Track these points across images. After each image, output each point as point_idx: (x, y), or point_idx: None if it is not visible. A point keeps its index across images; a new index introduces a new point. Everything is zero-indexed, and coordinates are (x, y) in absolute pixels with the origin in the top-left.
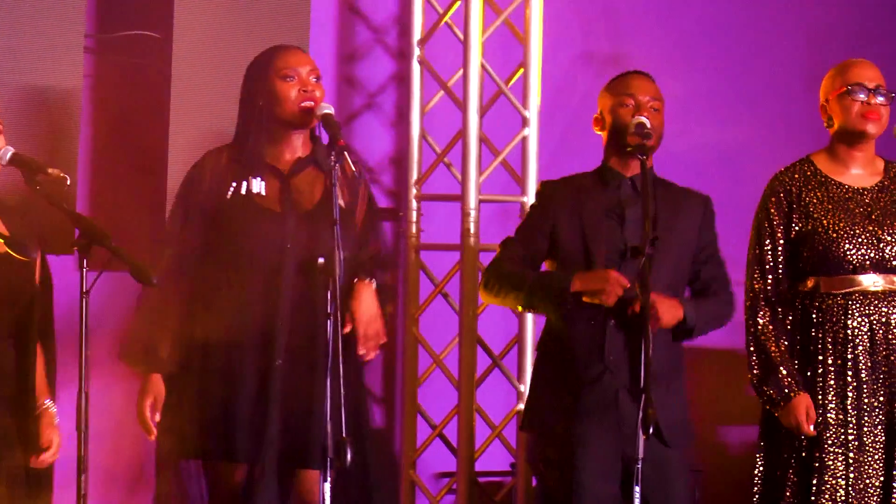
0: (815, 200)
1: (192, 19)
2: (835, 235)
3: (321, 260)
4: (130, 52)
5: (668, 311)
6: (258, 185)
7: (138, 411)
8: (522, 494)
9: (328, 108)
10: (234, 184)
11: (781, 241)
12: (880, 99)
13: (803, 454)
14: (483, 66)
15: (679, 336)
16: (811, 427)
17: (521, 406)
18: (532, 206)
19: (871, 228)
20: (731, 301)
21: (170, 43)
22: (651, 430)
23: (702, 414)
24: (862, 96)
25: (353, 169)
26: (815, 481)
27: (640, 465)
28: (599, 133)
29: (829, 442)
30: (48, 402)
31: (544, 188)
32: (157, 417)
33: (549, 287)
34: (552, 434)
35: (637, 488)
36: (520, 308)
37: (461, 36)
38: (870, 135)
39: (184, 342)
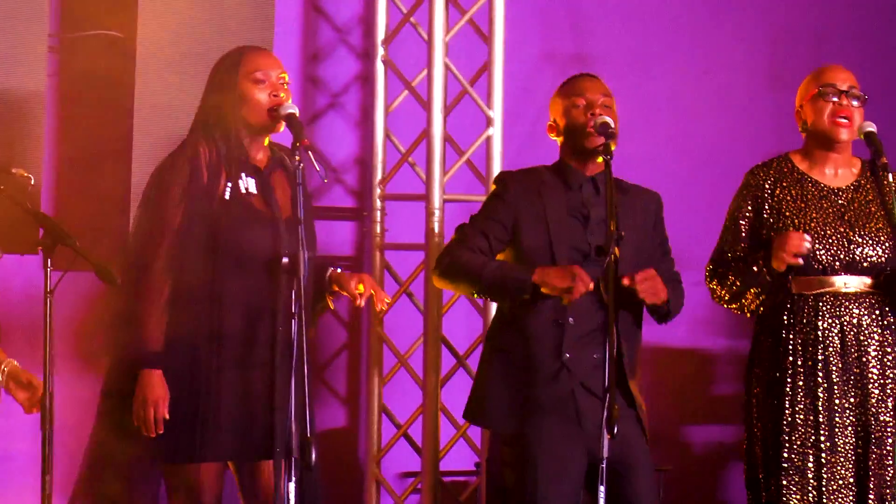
0: (788, 198)
1: (156, 19)
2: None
3: (285, 260)
4: (94, 51)
5: (655, 284)
6: (250, 184)
7: (143, 409)
8: (487, 494)
9: (292, 108)
10: (230, 183)
11: (743, 234)
12: (854, 101)
13: (774, 455)
14: (447, 66)
15: (658, 317)
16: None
17: None
18: (492, 194)
19: (842, 230)
20: (683, 293)
21: (133, 43)
22: (616, 430)
23: (665, 414)
24: (834, 98)
25: (318, 168)
26: (784, 482)
27: (604, 465)
28: (555, 139)
29: (799, 443)
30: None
31: (504, 178)
32: (167, 415)
33: (509, 277)
34: (508, 433)
35: (602, 488)
36: (474, 294)
37: (425, 36)
38: (842, 139)
39: (173, 337)
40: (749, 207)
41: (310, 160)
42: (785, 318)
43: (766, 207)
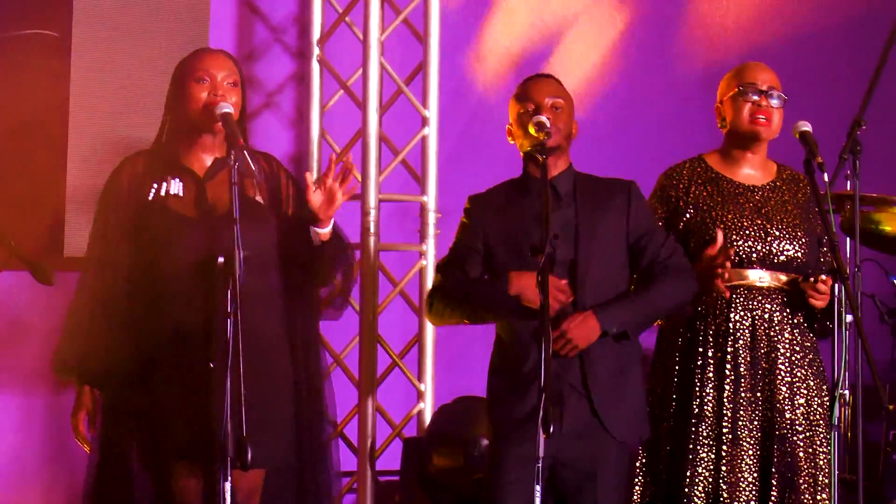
0: (704, 194)
1: (91, 18)
2: (722, 227)
3: (221, 259)
4: (28, 51)
5: (580, 332)
6: (176, 186)
7: (73, 424)
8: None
9: (227, 108)
10: (155, 185)
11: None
12: (773, 102)
13: (680, 447)
14: (383, 66)
15: (619, 339)
16: None
17: (422, 405)
18: (461, 223)
19: (759, 222)
20: (675, 279)
21: (69, 42)
22: (552, 429)
23: None
24: (754, 97)
25: (252, 167)
26: (688, 473)
27: (540, 465)
28: (513, 143)
29: (704, 434)
30: None
31: (470, 204)
32: (92, 430)
33: (489, 293)
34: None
35: (538, 487)
36: (466, 321)
37: (360, 35)
38: (760, 138)
39: (118, 353)
40: (665, 208)
41: (245, 160)
42: (699, 308)
43: (682, 204)
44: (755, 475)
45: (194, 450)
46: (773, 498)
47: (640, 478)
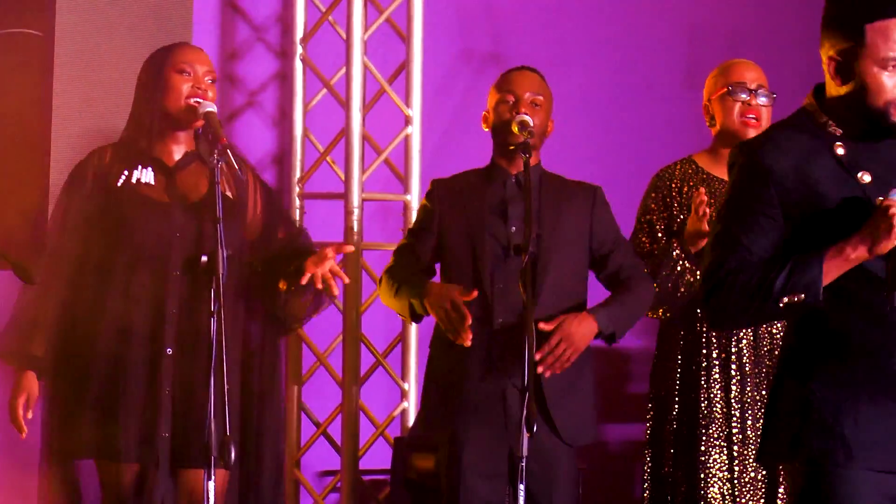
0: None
1: (74, 17)
2: None
3: (204, 258)
4: (11, 49)
5: (579, 334)
6: (146, 175)
7: (10, 408)
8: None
9: (210, 107)
10: (126, 173)
11: (657, 234)
12: (762, 100)
13: (690, 449)
14: (365, 65)
15: (607, 341)
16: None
17: (406, 404)
18: (421, 205)
19: None
20: (646, 285)
21: (52, 41)
22: (535, 429)
23: None
24: (743, 96)
25: (237, 167)
26: (702, 475)
27: (524, 464)
28: (487, 130)
29: (715, 436)
30: None
31: (433, 187)
32: (30, 415)
33: (407, 292)
34: (439, 436)
35: (521, 486)
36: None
37: (343, 34)
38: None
39: (66, 339)
40: (661, 206)
41: (228, 159)
42: (699, 311)
43: (676, 205)
44: (763, 473)
45: (140, 448)
46: (780, 494)
47: (647, 482)
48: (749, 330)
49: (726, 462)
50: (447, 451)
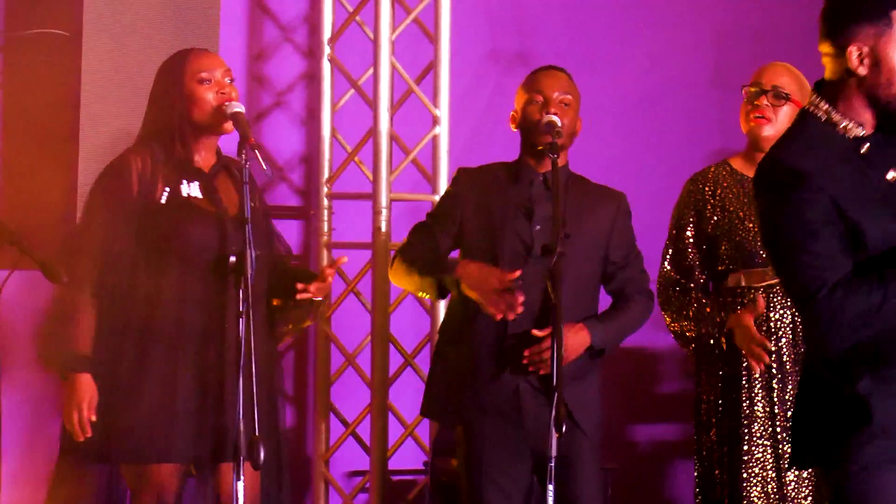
0: (730, 196)
1: (102, 17)
2: (751, 226)
3: (233, 259)
4: (40, 50)
5: (573, 343)
6: (191, 189)
7: (72, 412)
8: (431, 491)
9: (238, 107)
10: (168, 189)
11: (691, 240)
12: (772, 99)
13: (734, 448)
14: (393, 65)
15: (593, 355)
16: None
17: None
18: (446, 191)
19: None
20: (647, 303)
21: (79, 41)
22: (564, 429)
23: (611, 412)
24: (754, 98)
25: (264, 167)
26: (744, 475)
27: (552, 464)
28: (515, 130)
29: (758, 435)
30: None
31: (459, 175)
32: (94, 417)
33: (435, 269)
34: (454, 431)
35: (551, 487)
36: (418, 293)
37: (371, 34)
38: (759, 136)
39: (113, 342)
40: (692, 213)
41: (256, 159)
42: (738, 311)
43: (709, 208)
44: (808, 471)
45: (189, 449)
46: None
47: (698, 487)
48: (788, 328)
49: (770, 461)
50: (464, 450)
